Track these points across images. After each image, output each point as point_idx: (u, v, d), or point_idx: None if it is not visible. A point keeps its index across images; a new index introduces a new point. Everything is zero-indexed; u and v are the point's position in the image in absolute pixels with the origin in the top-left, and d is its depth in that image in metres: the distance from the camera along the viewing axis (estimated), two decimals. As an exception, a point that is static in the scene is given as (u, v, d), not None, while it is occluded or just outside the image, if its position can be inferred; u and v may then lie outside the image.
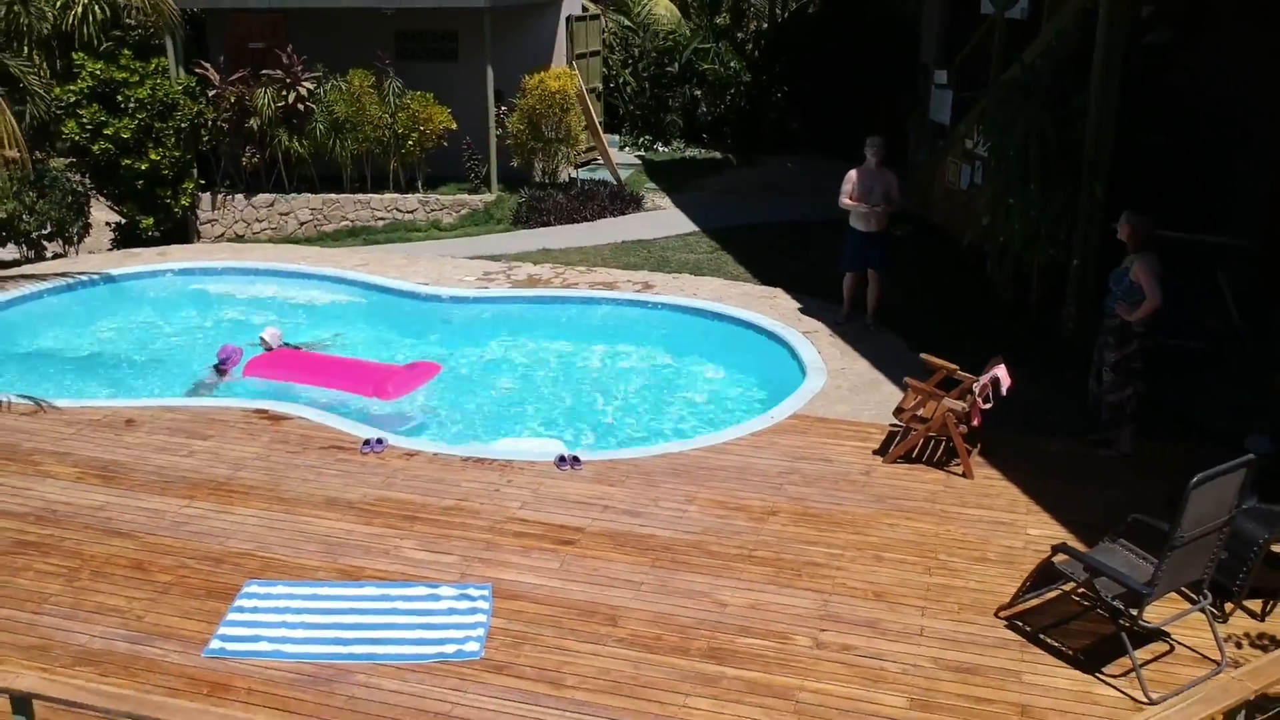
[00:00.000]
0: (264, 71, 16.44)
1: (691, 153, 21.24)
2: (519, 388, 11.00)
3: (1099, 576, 6.22)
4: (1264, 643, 6.56)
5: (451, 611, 6.79)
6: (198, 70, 16.51)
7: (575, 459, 8.76)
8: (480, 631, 6.58)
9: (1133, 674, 6.13)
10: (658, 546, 7.57)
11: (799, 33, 20.91)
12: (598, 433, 9.93)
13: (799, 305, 12.45)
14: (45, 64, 17.08)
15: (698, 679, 6.20)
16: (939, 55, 16.72)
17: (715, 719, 5.88)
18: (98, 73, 15.89)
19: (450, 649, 6.41)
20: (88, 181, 16.63)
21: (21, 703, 4.62)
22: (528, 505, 8.14)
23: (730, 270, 14.07)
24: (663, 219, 16.76)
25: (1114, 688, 6.14)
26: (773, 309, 12.34)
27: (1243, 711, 4.69)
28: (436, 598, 6.93)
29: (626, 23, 22.33)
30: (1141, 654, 6.28)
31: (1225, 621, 6.68)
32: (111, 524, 7.85)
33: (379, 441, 9.05)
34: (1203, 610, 6.36)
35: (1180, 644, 6.50)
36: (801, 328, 11.74)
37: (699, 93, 21.10)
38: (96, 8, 16.59)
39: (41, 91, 16.08)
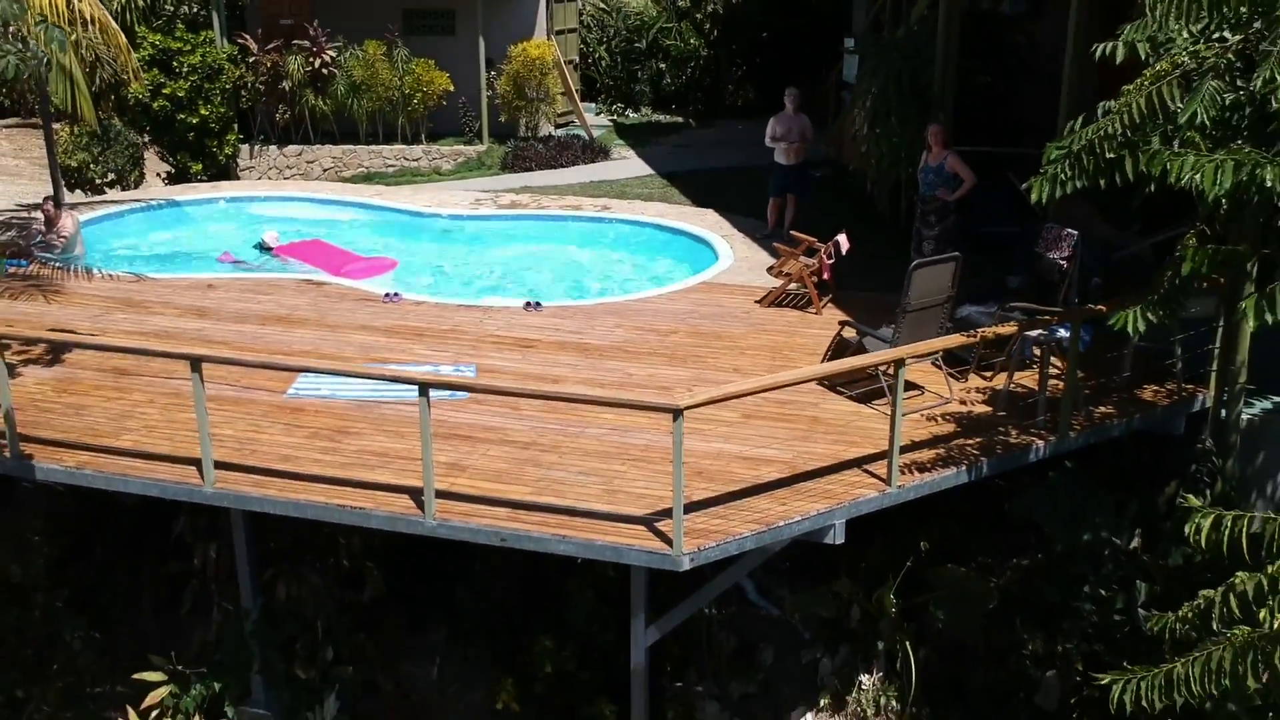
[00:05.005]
0: (294, 42, 19.78)
1: (658, 118, 24.56)
2: (501, 273, 14.34)
3: (867, 338, 9.57)
4: (986, 393, 9.88)
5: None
6: (239, 41, 19.85)
7: (538, 304, 12.13)
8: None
9: (888, 404, 9.45)
10: (591, 349, 10.92)
11: (751, 13, 24.24)
12: (558, 295, 13.28)
13: (725, 219, 15.77)
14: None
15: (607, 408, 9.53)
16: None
17: (617, 418, 9.24)
18: (157, 43, 19.19)
19: (446, 394, 9.73)
20: (145, 137, 19.96)
21: (195, 363, 7.95)
22: (502, 329, 11.50)
23: (676, 199, 17.39)
24: (626, 166, 20.06)
25: (877, 410, 9.47)
26: (701, 221, 15.67)
27: (904, 364, 8.01)
28: (437, 368, 10.26)
29: (601, 5, 25.69)
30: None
31: (965, 381, 10.02)
32: (209, 337, 11.20)
33: (396, 294, 12.42)
34: (936, 365, 9.69)
35: (929, 390, 9.83)
36: (722, 233, 15.07)
37: (664, 66, 24.46)
38: (139, -1, 19.90)
39: (109, 59, 19.37)
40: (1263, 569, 4.73)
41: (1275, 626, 4.40)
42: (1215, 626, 4.71)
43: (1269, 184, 5.64)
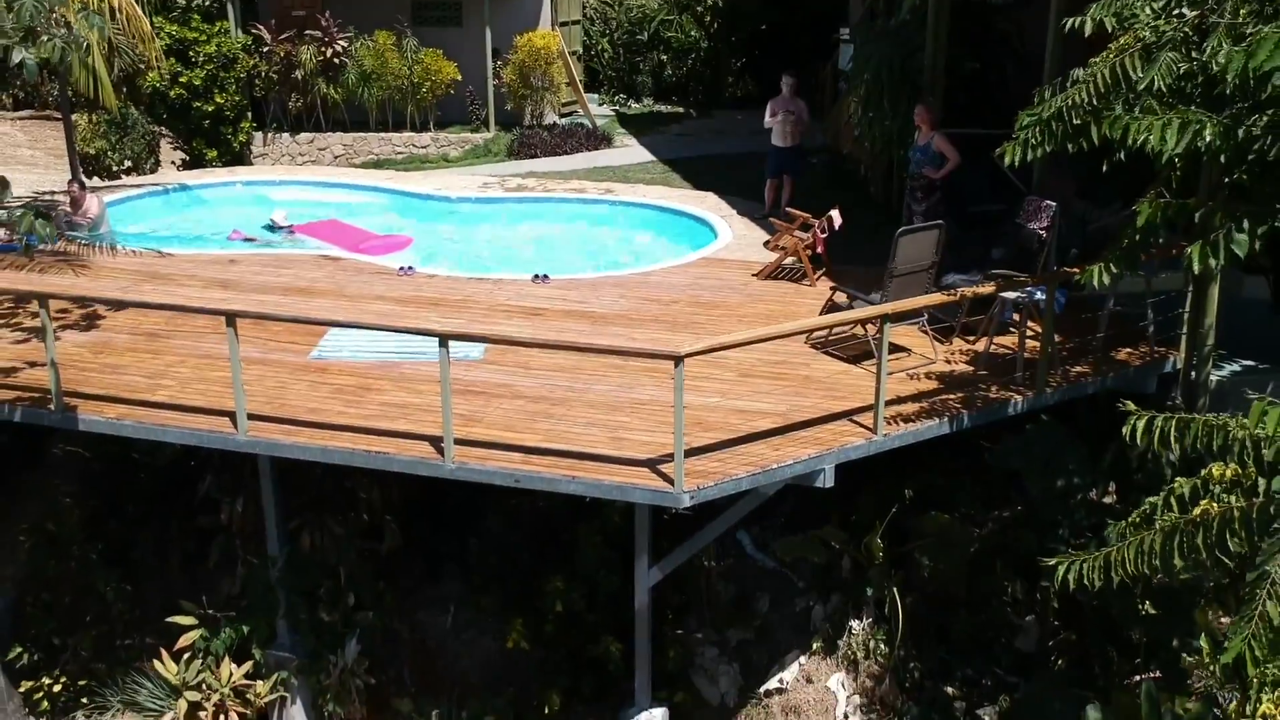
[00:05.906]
0: (306, 32, 20.40)
1: (659, 108, 25.19)
2: (508, 250, 14.95)
3: (857, 301, 10.16)
4: (969, 354, 10.48)
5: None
6: (253, 31, 20.46)
7: (545, 276, 12.73)
8: (482, 347, 10.50)
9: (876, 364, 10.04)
10: (596, 316, 11.53)
11: (750, 7, 24.86)
12: (564, 270, 13.87)
13: (724, 201, 16.37)
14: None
15: (612, 366, 10.13)
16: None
17: (622, 376, 9.83)
18: (173, 33, 19.79)
19: (461, 354, 10.32)
20: (163, 128, 20.58)
21: (230, 319, 8.54)
22: (512, 300, 12.09)
23: (676, 183, 17.98)
24: (628, 153, 20.66)
25: (865, 370, 10.07)
26: (702, 204, 16.27)
27: (888, 320, 8.61)
28: (452, 333, 10.85)
29: (604, -2, 26.40)
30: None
31: (948, 344, 10.62)
32: (234, 307, 11.77)
33: (410, 268, 13.03)
34: (922, 329, 10.29)
35: (915, 352, 10.43)
36: (721, 214, 15.67)
37: (665, 57, 25.10)
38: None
39: (127, 49, 19.98)
40: (1196, 473, 5.36)
41: (1197, 514, 5.01)
42: (1157, 525, 5.32)
43: (1208, 139, 6.24)
